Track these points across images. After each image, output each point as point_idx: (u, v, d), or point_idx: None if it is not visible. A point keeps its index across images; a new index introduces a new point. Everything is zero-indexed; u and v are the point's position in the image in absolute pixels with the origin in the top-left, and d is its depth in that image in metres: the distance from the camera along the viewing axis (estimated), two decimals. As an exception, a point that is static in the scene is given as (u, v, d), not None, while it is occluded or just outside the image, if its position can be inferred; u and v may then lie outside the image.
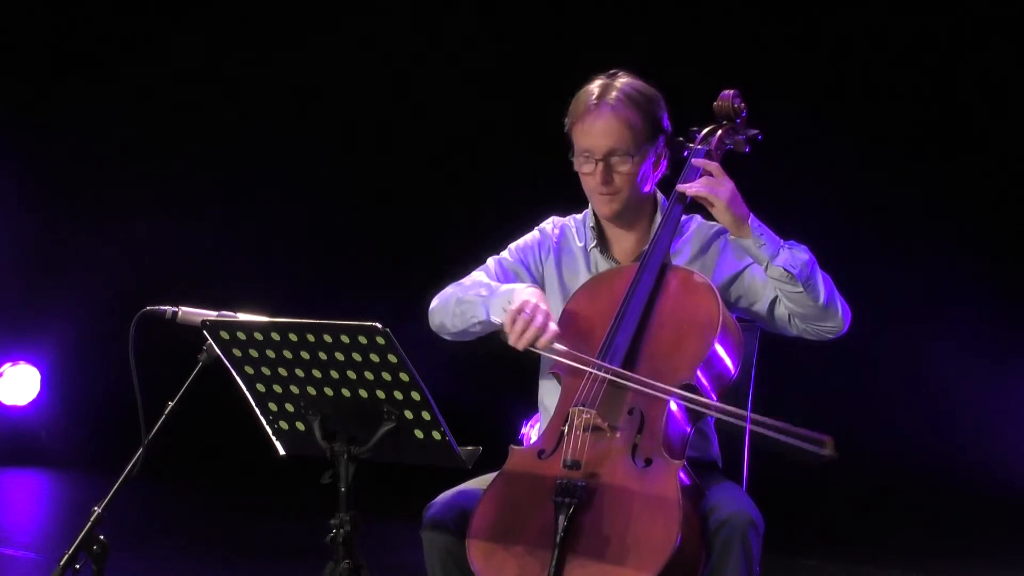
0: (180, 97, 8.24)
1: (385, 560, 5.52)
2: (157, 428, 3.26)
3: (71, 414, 8.39)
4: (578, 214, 3.73)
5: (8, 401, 8.38)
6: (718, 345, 3.33)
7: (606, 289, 3.48)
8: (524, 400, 3.83)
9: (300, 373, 3.12)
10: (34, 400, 8.42)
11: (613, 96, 3.51)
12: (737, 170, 3.57)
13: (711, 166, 3.49)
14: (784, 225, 3.51)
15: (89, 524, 3.18)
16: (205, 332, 3.19)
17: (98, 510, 3.20)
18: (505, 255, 3.70)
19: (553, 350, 3.34)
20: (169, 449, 3.61)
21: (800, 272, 3.39)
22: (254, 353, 3.13)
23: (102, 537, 3.19)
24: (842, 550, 6.39)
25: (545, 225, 3.75)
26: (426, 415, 3.07)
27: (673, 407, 3.30)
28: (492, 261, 3.69)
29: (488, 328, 3.50)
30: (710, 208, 3.47)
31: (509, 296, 3.41)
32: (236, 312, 3.27)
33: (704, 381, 3.33)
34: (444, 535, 3.30)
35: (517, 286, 3.46)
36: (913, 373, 7.28)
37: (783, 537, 3.78)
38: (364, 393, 3.09)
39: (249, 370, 3.17)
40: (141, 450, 3.25)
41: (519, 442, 3.75)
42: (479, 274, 3.63)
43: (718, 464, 3.59)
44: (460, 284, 3.59)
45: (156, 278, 7.85)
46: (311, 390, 3.14)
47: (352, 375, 3.07)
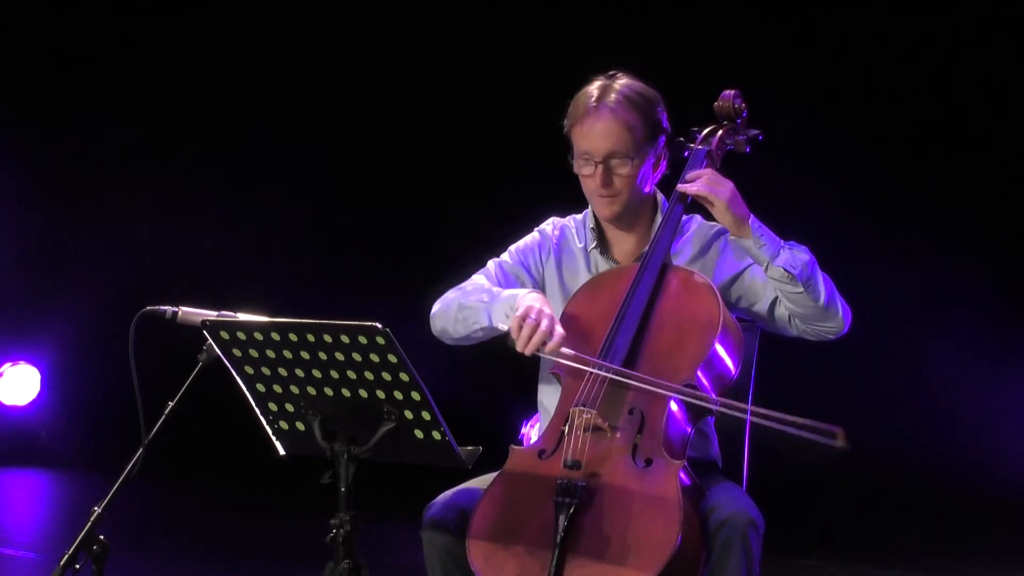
0: (180, 97, 8.24)
1: (385, 560, 5.52)
2: (157, 428, 3.26)
3: (71, 414, 8.39)
4: (578, 214, 3.73)
5: (8, 401, 8.37)
6: (718, 345, 3.33)
7: (606, 289, 3.48)
8: (524, 400, 3.83)
9: (300, 373, 3.12)
10: (34, 400, 8.42)
11: (612, 98, 3.50)
12: (737, 170, 3.57)
13: (705, 172, 3.49)
14: (784, 225, 3.51)
15: (89, 524, 3.18)
16: (205, 332, 3.19)
17: (98, 510, 3.20)
18: (505, 258, 3.69)
19: (560, 354, 3.34)
20: (169, 449, 3.61)
21: (800, 272, 3.39)
22: (254, 353, 3.13)
23: (102, 537, 3.19)
24: (842, 550, 6.39)
25: (545, 226, 3.74)
26: (426, 415, 3.07)
27: (674, 407, 3.30)
28: (492, 264, 3.68)
29: (491, 334, 3.50)
30: (710, 208, 3.47)
31: (512, 302, 3.40)
32: (236, 312, 3.27)
33: (705, 381, 3.33)
34: (444, 535, 3.30)
35: (519, 291, 3.46)
36: (913, 373, 7.28)
37: (783, 537, 3.78)
38: (364, 393, 3.09)
39: (249, 370, 3.17)
40: (141, 450, 3.25)
41: (519, 442, 3.75)
42: (480, 278, 3.63)
43: (718, 464, 3.59)
44: (461, 289, 3.58)
45: (156, 278, 7.85)
46: (311, 390, 3.14)
47: (352, 375, 3.07)
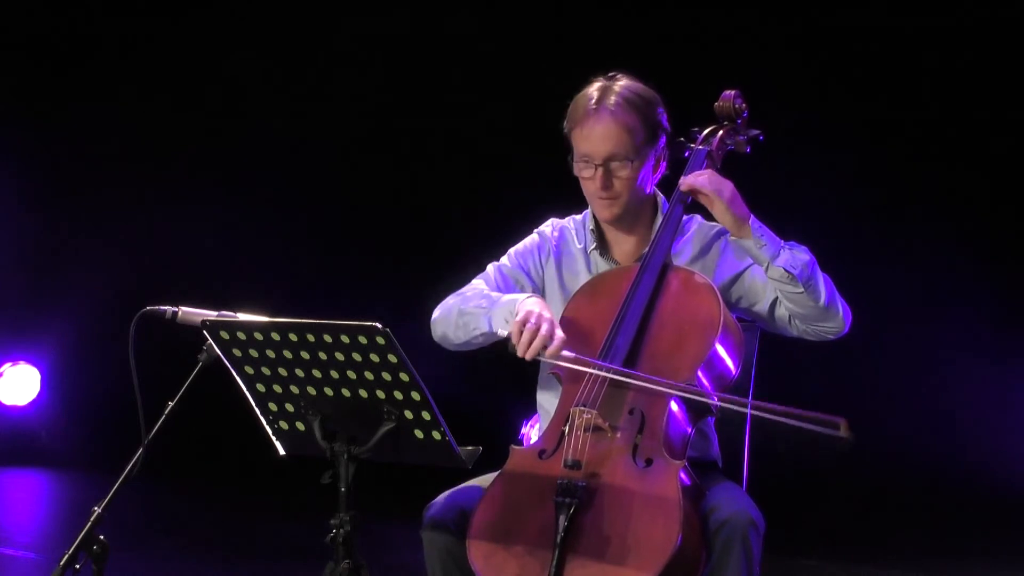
0: (180, 97, 8.24)
1: (385, 560, 5.52)
2: (157, 428, 3.26)
3: (71, 414, 8.38)
4: (577, 215, 3.73)
5: (8, 401, 8.37)
6: (719, 345, 3.33)
7: (607, 290, 3.48)
8: (524, 400, 3.82)
9: (300, 373, 3.12)
10: (34, 400, 8.41)
11: (612, 101, 3.49)
12: (738, 170, 3.57)
13: (705, 172, 3.49)
14: (784, 225, 3.51)
15: (89, 524, 3.18)
16: (205, 332, 3.19)
17: (98, 510, 3.20)
18: (505, 261, 3.69)
19: (561, 357, 3.34)
20: (169, 449, 3.61)
21: (801, 273, 3.39)
22: (254, 353, 3.13)
23: (102, 537, 3.19)
24: (842, 550, 6.39)
25: (544, 228, 3.74)
26: (426, 415, 3.07)
27: (674, 407, 3.30)
28: (492, 268, 3.68)
29: (491, 339, 3.49)
30: (710, 208, 3.47)
31: (511, 306, 3.40)
32: (236, 312, 3.27)
33: (705, 382, 3.33)
34: (444, 535, 3.30)
35: (518, 296, 3.46)
36: (913, 373, 7.27)
37: (783, 537, 3.78)
38: (364, 393, 3.09)
39: (249, 370, 3.17)
40: (141, 450, 3.25)
41: (519, 442, 3.75)
42: (479, 282, 3.63)
43: (718, 464, 3.59)
44: (461, 294, 3.58)
45: (156, 278, 7.85)
46: (311, 390, 3.14)
47: (352, 375, 3.07)
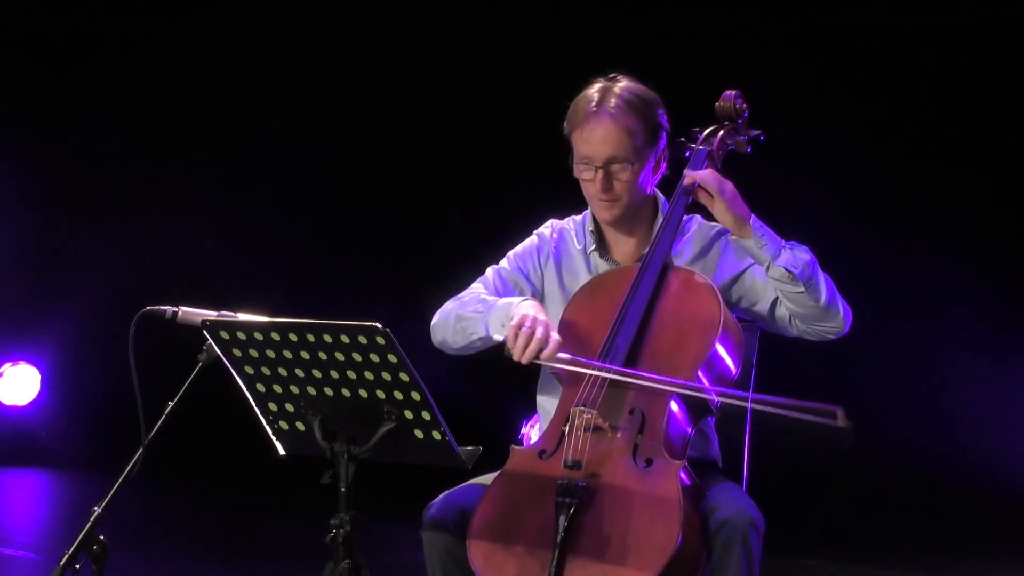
0: (180, 97, 8.24)
1: (385, 560, 5.52)
2: (157, 428, 3.25)
3: (71, 414, 8.38)
4: (577, 216, 3.73)
5: (8, 401, 8.37)
6: (719, 345, 3.33)
7: (607, 290, 3.48)
8: (524, 400, 3.82)
9: (300, 373, 3.12)
10: (34, 400, 8.41)
11: (613, 103, 3.49)
12: (738, 170, 3.57)
13: (708, 170, 3.50)
14: (784, 225, 3.50)
15: (89, 524, 3.18)
16: (205, 332, 3.19)
17: (98, 510, 3.19)
18: (504, 264, 3.69)
19: (558, 359, 3.34)
20: (169, 449, 3.61)
21: (801, 272, 3.39)
22: (254, 353, 3.13)
23: (102, 537, 3.19)
24: (842, 550, 6.38)
25: (543, 230, 3.74)
26: (426, 415, 3.07)
27: (674, 407, 3.30)
28: (491, 271, 3.68)
29: (489, 343, 3.49)
30: (711, 207, 3.47)
31: (507, 311, 3.40)
32: (236, 312, 3.26)
33: (705, 382, 3.33)
34: (444, 535, 3.30)
35: (514, 300, 3.45)
36: (913, 373, 7.27)
37: (783, 537, 3.78)
38: (364, 393, 3.09)
39: (249, 370, 3.16)
40: (141, 450, 3.25)
41: (519, 442, 3.74)
42: (478, 286, 3.63)
43: (718, 464, 3.59)
44: (459, 299, 3.58)
45: (156, 278, 7.85)
46: (311, 390, 3.14)
47: (352, 375, 3.07)
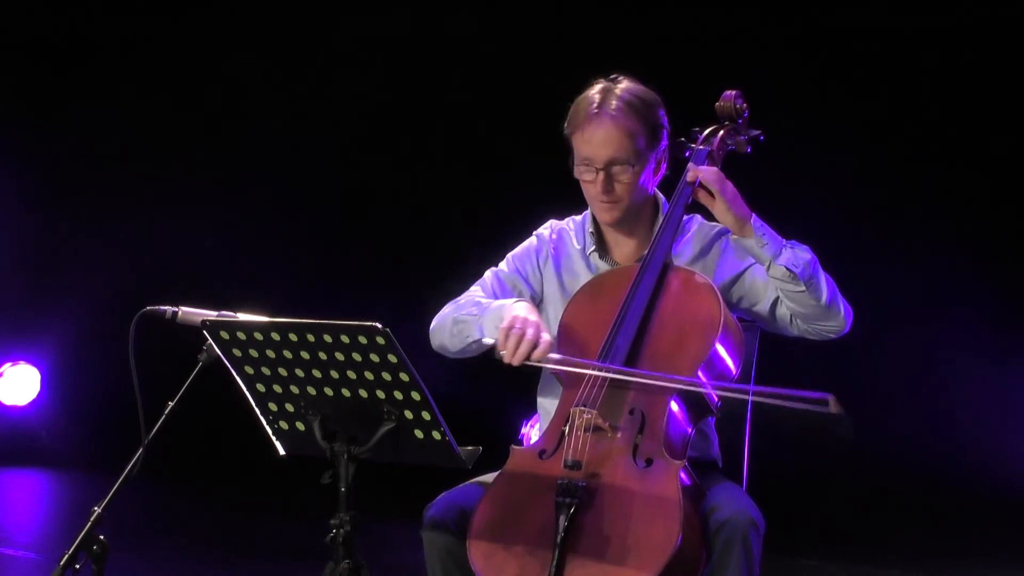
0: (180, 97, 8.24)
1: (385, 560, 5.52)
2: (157, 428, 3.25)
3: (71, 414, 8.38)
4: (577, 216, 3.73)
5: (8, 401, 8.37)
6: (719, 345, 3.33)
7: (607, 290, 3.48)
8: (524, 400, 3.82)
9: (300, 373, 3.12)
10: (34, 400, 8.41)
11: (614, 105, 3.48)
12: (738, 170, 3.57)
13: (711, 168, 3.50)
14: (785, 225, 3.50)
15: (89, 524, 3.18)
16: (205, 332, 3.19)
17: (98, 510, 3.19)
18: (503, 266, 3.69)
19: (549, 359, 3.34)
20: (169, 449, 3.61)
21: (803, 271, 3.39)
22: (254, 353, 3.13)
23: (102, 537, 3.18)
24: (842, 550, 6.38)
25: (542, 231, 3.74)
26: (426, 415, 3.07)
27: (674, 407, 3.30)
28: (490, 274, 3.68)
29: (485, 347, 3.48)
30: (712, 207, 3.47)
31: (500, 312, 3.40)
32: (236, 312, 3.26)
33: (705, 381, 3.33)
34: (444, 535, 3.30)
35: (507, 302, 3.46)
36: (913, 373, 7.27)
37: (783, 537, 3.78)
38: (364, 393, 3.09)
39: (249, 370, 3.16)
40: (141, 450, 3.25)
41: (519, 442, 3.75)
42: (476, 289, 3.63)
43: (718, 464, 3.59)
44: (455, 303, 3.58)
45: (156, 278, 7.84)
46: (311, 390, 3.14)
47: (352, 375, 3.07)
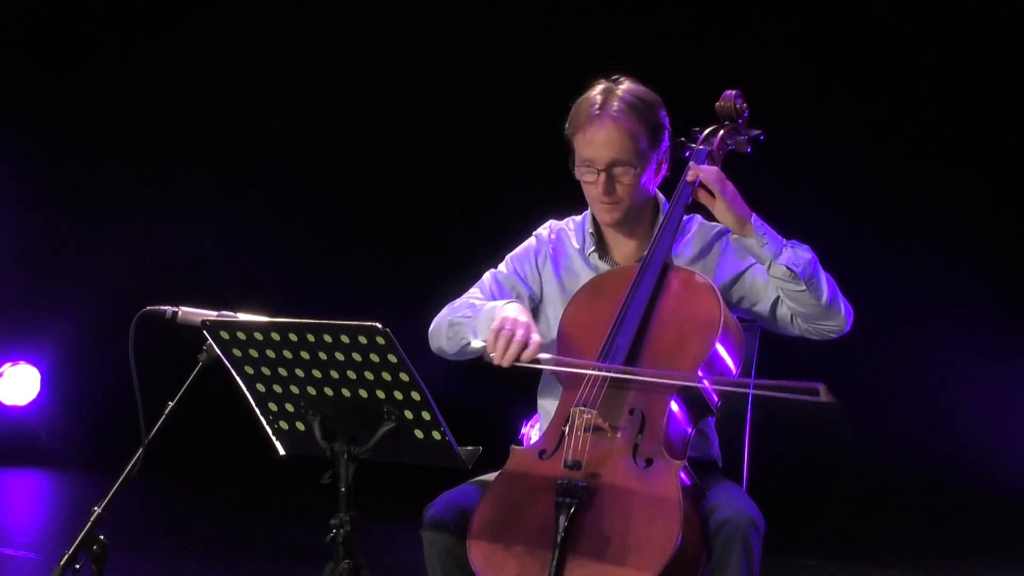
0: (180, 97, 8.24)
1: (385, 560, 5.52)
2: (157, 428, 3.25)
3: (71, 414, 8.38)
4: (577, 216, 3.73)
5: (8, 401, 8.37)
6: (719, 345, 3.33)
7: (607, 290, 3.48)
8: (524, 400, 3.82)
9: (300, 373, 3.12)
10: (34, 400, 8.41)
11: (616, 106, 3.48)
12: (738, 170, 3.57)
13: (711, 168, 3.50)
14: (785, 225, 3.50)
15: (89, 524, 3.18)
16: (205, 332, 3.18)
17: (98, 510, 3.19)
18: (502, 268, 3.69)
19: (539, 360, 3.33)
20: (169, 449, 3.61)
21: (803, 271, 3.39)
22: (254, 353, 3.13)
23: (102, 537, 3.18)
24: (842, 550, 6.38)
25: (541, 231, 3.74)
26: (426, 415, 3.06)
27: (674, 407, 3.30)
28: (488, 275, 3.68)
29: (478, 350, 3.46)
30: (712, 207, 3.47)
31: (492, 314, 3.40)
32: (236, 312, 3.26)
33: (705, 382, 3.32)
34: (444, 535, 3.30)
35: (499, 303, 3.46)
36: (913, 373, 7.27)
37: (783, 537, 3.78)
38: (364, 393, 3.09)
39: (249, 370, 3.16)
40: (141, 450, 3.25)
41: (519, 442, 3.74)
42: (475, 291, 3.63)
43: (718, 464, 3.59)
44: (452, 305, 3.59)
45: (156, 278, 7.84)
46: (311, 390, 3.14)
47: (352, 375, 3.07)
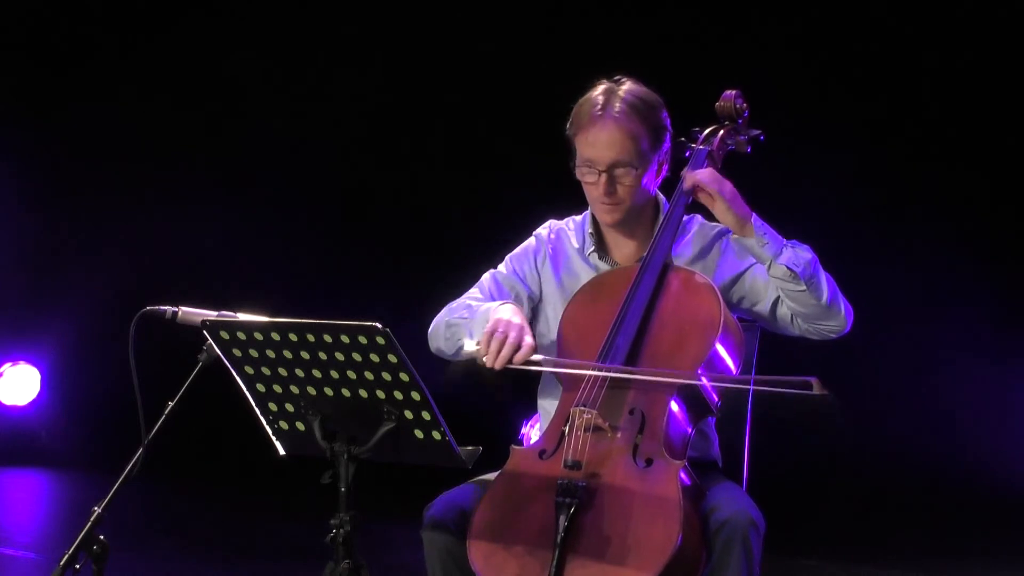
0: (180, 97, 8.24)
1: (385, 560, 5.52)
2: (157, 428, 3.25)
3: (71, 414, 8.38)
4: (577, 216, 3.73)
5: (8, 401, 8.37)
6: (719, 345, 3.33)
7: (607, 290, 3.48)
8: (524, 400, 3.82)
9: (300, 373, 3.12)
10: (34, 400, 8.41)
11: (618, 107, 3.48)
12: (738, 170, 3.57)
13: (706, 170, 3.50)
14: (785, 225, 3.50)
15: (89, 524, 3.18)
16: (205, 332, 3.18)
17: (98, 510, 3.19)
18: (501, 268, 3.69)
19: (532, 362, 3.33)
20: (169, 449, 3.61)
21: (803, 271, 3.39)
22: (254, 353, 3.13)
23: (102, 537, 3.18)
24: (842, 550, 6.38)
25: (541, 231, 3.74)
26: (426, 415, 3.06)
27: (674, 407, 3.30)
28: (488, 276, 3.68)
29: (473, 352, 3.44)
30: (712, 207, 3.47)
31: (487, 316, 3.40)
32: (236, 312, 3.26)
33: (705, 381, 3.32)
34: (444, 535, 3.30)
35: (493, 304, 3.46)
36: (913, 373, 7.27)
37: (783, 537, 3.78)
38: (364, 393, 3.09)
39: (249, 370, 3.16)
40: (141, 450, 3.25)
41: (519, 442, 3.74)
42: (473, 291, 3.63)
43: (718, 464, 3.59)
44: (450, 306, 3.59)
45: (156, 278, 7.84)
46: (311, 390, 3.14)
47: (352, 375, 3.07)
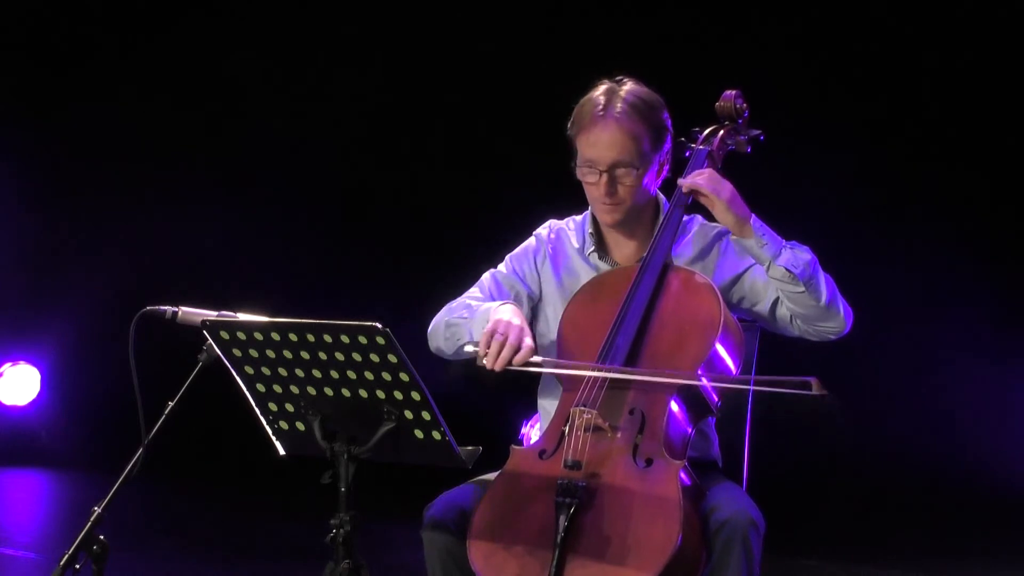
0: (180, 97, 8.24)
1: (385, 560, 5.52)
2: (157, 428, 3.25)
3: (71, 414, 8.38)
4: (577, 215, 3.73)
5: (8, 401, 8.37)
6: (719, 345, 3.33)
7: (607, 290, 3.48)
8: (524, 400, 3.82)
9: (300, 373, 3.12)
10: (34, 400, 8.41)
11: (619, 108, 3.48)
12: (738, 170, 3.57)
13: (705, 172, 3.49)
14: (784, 225, 3.50)
15: (89, 524, 3.18)
16: (205, 332, 3.18)
17: (98, 510, 3.19)
18: (501, 268, 3.69)
19: (532, 363, 3.33)
20: (169, 449, 3.61)
21: (802, 272, 3.39)
22: (254, 353, 3.13)
23: (102, 537, 3.18)
24: (842, 550, 6.38)
25: (541, 231, 3.74)
26: (426, 415, 3.06)
27: (674, 407, 3.31)
28: (488, 276, 3.68)
29: (472, 352, 3.44)
30: (711, 208, 3.47)
31: (487, 316, 3.40)
32: (236, 312, 3.26)
33: (705, 382, 3.32)
34: (444, 535, 3.30)
35: (493, 305, 3.46)
36: (913, 373, 7.27)
37: (783, 537, 3.78)
38: (364, 393, 3.09)
39: (249, 370, 3.16)
40: (141, 450, 3.25)
41: (519, 442, 3.75)
42: (473, 291, 3.63)
43: (718, 464, 3.59)
44: (449, 306, 3.59)
45: (156, 278, 7.84)
46: (311, 390, 3.14)
47: (352, 375, 3.07)
